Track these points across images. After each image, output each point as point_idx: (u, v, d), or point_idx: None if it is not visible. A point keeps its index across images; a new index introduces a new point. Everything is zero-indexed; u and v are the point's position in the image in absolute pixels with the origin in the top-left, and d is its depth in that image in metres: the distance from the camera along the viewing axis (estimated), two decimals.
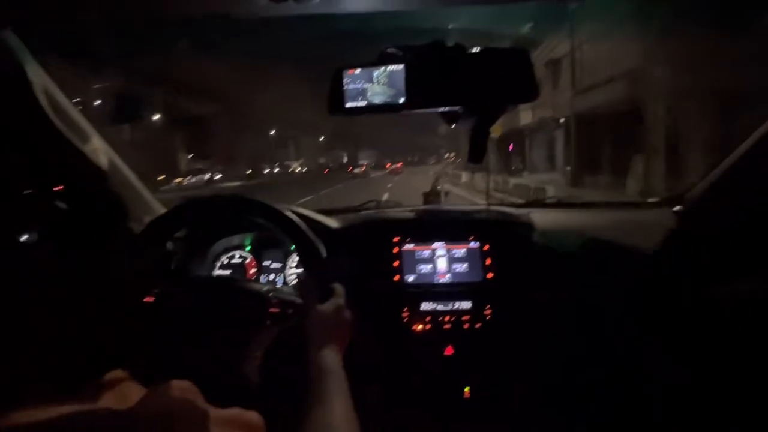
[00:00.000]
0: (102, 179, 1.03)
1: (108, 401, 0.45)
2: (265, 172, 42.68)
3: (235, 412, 0.53)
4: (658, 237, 1.31)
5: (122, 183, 1.13)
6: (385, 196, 6.93)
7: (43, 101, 0.85)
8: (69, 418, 0.38)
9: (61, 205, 0.90)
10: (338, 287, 0.87)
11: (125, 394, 0.47)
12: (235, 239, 1.36)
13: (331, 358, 0.73)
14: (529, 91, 0.83)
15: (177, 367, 0.61)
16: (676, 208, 1.40)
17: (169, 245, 1.10)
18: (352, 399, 0.68)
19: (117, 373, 0.49)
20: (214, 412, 0.49)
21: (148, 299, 0.78)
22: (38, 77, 0.85)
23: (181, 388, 0.49)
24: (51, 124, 0.88)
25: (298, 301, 0.85)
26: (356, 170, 44.86)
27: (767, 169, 1.11)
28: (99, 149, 1.03)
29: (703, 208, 1.34)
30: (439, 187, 1.39)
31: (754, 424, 1.19)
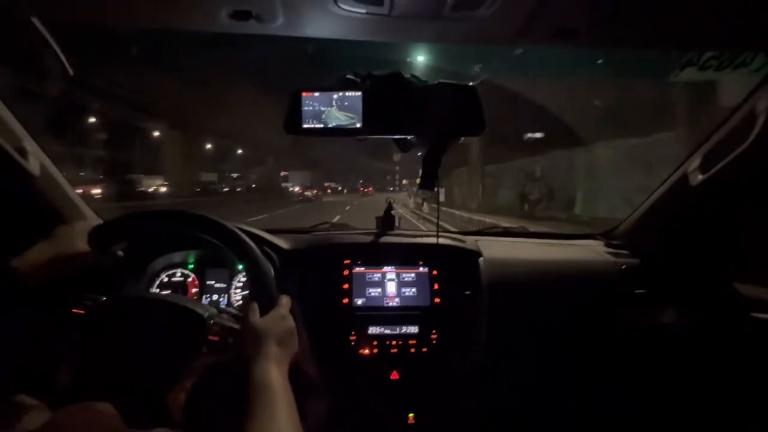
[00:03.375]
0: (32, 184, 0.97)
1: (11, 426, 0.41)
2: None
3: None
4: (592, 267, 1.41)
5: (53, 189, 1.06)
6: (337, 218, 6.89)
7: None
8: None
9: None
10: (284, 298, 0.85)
11: (31, 416, 0.43)
12: (177, 256, 1.29)
13: (274, 372, 0.70)
14: (476, 126, 0.89)
15: (100, 385, 0.57)
16: (610, 241, 1.52)
17: (104, 259, 1.03)
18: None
19: (20, 397, 0.45)
20: None
21: (77, 311, 0.73)
22: None
23: (94, 410, 0.46)
24: None
25: (239, 329, 0.82)
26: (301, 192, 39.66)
27: (687, 204, 1.24)
28: (30, 153, 0.97)
29: (631, 241, 1.46)
30: (392, 212, 1.41)
31: None
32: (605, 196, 10.57)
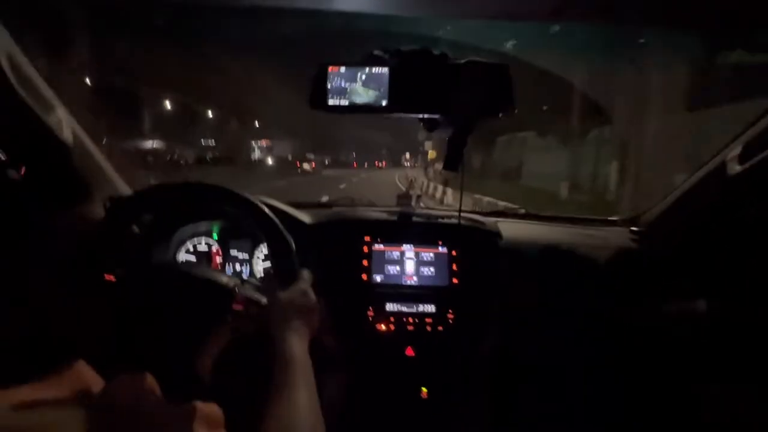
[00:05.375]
0: (64, 153, 0.99)
1: (69, 392, 0.44)
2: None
3: (194, 405, 0.52)
4: (615, 254, 1.38)
5: (86, 158, 1.08)
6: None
7: (7, 69, 0.80)
8: (38, 407, 0.37)
9: (13, 174, 0.86)
10: (305, 272, 0.86)
11: (86, 384, 0.46)
12: (202, 226, 1.33)
13: (296, 346, 0.72)
14: (506, 105, 0.86)
15: (132, 353, 0.59)
16: (634, 228, 1.48)
17: (133, 227, 1.07)
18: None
19: (77, 363, 0.48)
20: (175, 406, 0.48)
21: (109, 277, 0.76)
22: (7, 50, 0.81)
23: (142, 380, 0.48)
24: (13, 92, 0.84)
25: (264, 301, 0.84)
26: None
27: (721, 195, 1.19)
28: (63, 121, 0.98)
29: (658, 229, 1.42)
30: (411, 191, 1.40)
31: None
32: None
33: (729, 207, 1.19)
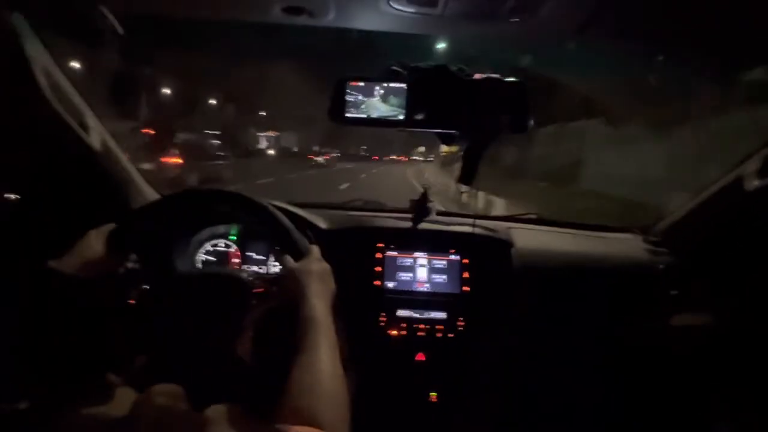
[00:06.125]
0: (93, 159, 1.02)
1: (105, 407, 0.47)
2: None
3: (219, 409, 0.55)
4: (628, 262, 1.38)
5: (114, 165, 1.12)
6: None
7: (42, 79, 0.83)
8: (72, 422, 0.40)
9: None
10: (314, 246, 0.89)
11: (120, 398, 0.49)
12: (221, 228, 1.36)
13: (318, 308, 0.74)
14: (523, 123, 0.87)
15: (166, 365, 0.63)
16: (648, 236, 1.48)
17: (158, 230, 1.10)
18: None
19: (110, 378, 0.51)
20: (202, 414, 0.51)
21: (130, 301, 0.79)
22: (39, 56, 0.84)
23: (170, 392, 0.51)
24: (46, 101, 0.87)
25: (282, 273, 0.86)
26: None
27: (738, 208, 1.18)
28: (93, 129, 1.02)
29: (672, 239, 1.41)
30: (429, 204, 1.41)
31: None
32: None
33: (745, 220, 1.18)
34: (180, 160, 10.43)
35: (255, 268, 1.37)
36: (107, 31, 1.00)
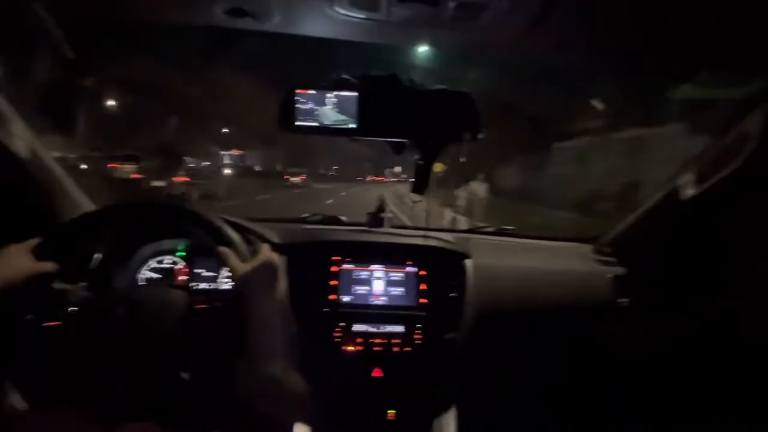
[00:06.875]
0: (21, 169, 0.95)
1: None
2: None
3: None
4: (579, 275, 1.42)
5: (44, 174, 1.04)
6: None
7: None
8: None
9: None
10: (264, 246, 0.87)
11: None
12: (166, 244, 1.29)
13: (265, 307, 0.75)
14: (472, 132, 0.88)
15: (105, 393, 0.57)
16: (598, 247, 1.54)
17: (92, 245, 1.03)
18: None
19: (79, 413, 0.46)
20: None
21: (50, 324, 0.72)
22: None
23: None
24: None
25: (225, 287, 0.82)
26: None
27: (676, 217, 1.25)
28: (18, 135, 0.94)
29: (620, 250, 1.47)
30: (383, 213, 1.40)
31: None
32: None
33: (683, 228, 1.25)
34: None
35: (204, 285, 1.30)
36: (42, 33, 0.94)
